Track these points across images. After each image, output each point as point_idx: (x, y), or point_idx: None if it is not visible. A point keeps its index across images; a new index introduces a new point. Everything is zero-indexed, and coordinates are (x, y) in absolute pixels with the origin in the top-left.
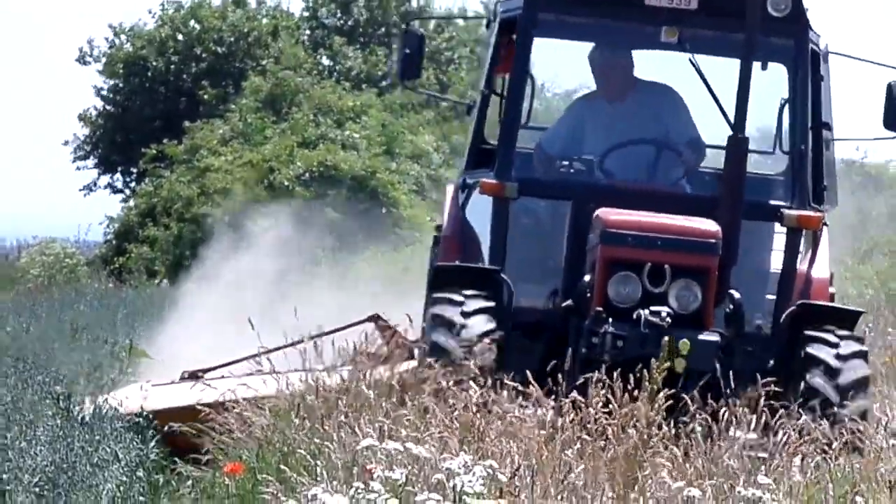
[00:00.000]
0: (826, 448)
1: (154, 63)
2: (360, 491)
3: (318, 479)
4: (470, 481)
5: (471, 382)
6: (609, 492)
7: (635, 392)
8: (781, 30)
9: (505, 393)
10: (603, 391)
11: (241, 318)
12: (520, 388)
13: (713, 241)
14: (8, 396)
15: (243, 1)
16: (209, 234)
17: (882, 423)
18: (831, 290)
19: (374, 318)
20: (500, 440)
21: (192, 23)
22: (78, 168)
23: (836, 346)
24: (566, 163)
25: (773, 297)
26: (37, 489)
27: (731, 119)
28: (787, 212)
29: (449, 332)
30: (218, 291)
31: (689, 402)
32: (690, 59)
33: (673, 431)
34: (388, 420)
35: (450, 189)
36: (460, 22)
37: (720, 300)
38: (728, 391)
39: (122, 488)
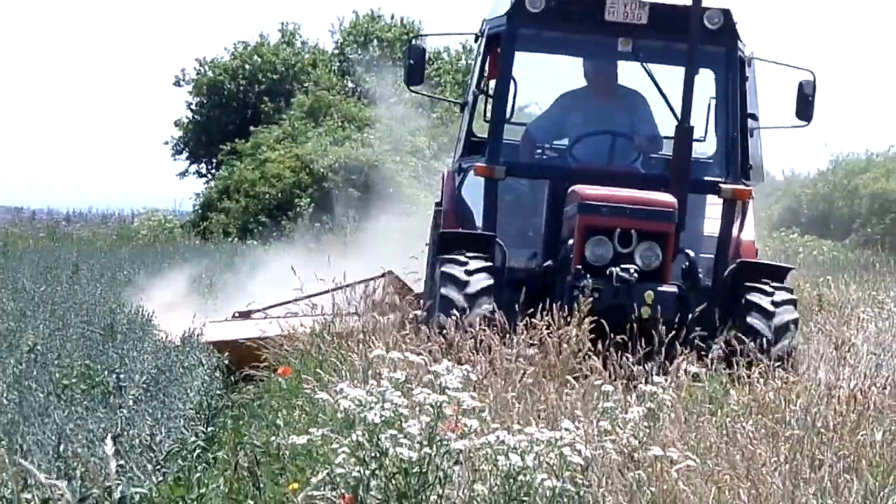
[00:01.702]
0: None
1: (228, 85)
2: (373, 386)
3: (344, 378)
4: (450, 380)
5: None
6: (550, 388)
7: (570, 319)
8: (715, 40)
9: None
10: (547, 317)
11: (288, 267)
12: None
13: (671, 210)
14: (124, 319)
15: (291, 41)
16: (267, 206)
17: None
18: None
19: (388, 273)
20: (472, 352)
21: (255, 57)
22: (175, 159)
23: (770, 294)
24: (546, 147)
25: (708, 255)
26: (144, 385)
27: (678, 112)
28: (724, 186)
29: (455, 287)
30: (272, 247)
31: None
32: (643, 65)
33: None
34: (393, 338)
35: (445, 173)
36: (445, 57)
37: (673, 258)
38: (685, 333)
39: (204, 385)
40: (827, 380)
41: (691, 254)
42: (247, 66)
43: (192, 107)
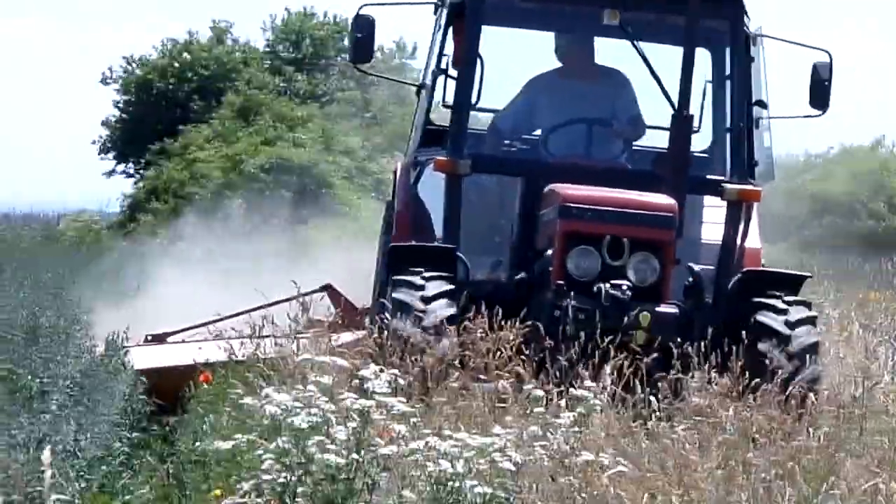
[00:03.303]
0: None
1: (157, 84)
2: (300, 391)
3: (272, 383)
4: (378, 385)
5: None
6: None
7: (504, 323)
8: (717, 13)
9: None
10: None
11: (215, 272)
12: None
13: (670, 214)
14: (47, 323)
15: (222, 39)
16: (196, 206)
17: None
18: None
19: (327, 288)
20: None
21: (185, 55)
22: (102, 159)
23: (784, 311)
24: (517, 139)
25: (706, 266)
26: (68, 390)
27: (672, 99)
28: (727, 186)
29: (410, 319)
30: (201, 249)
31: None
32: (633, 43)
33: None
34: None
35: (398, 168)
36: (379, 55)
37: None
38: (691, 360)
39: (129, 390)
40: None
41: (696, 267)
42: (176, 64)
43: (120, 105)
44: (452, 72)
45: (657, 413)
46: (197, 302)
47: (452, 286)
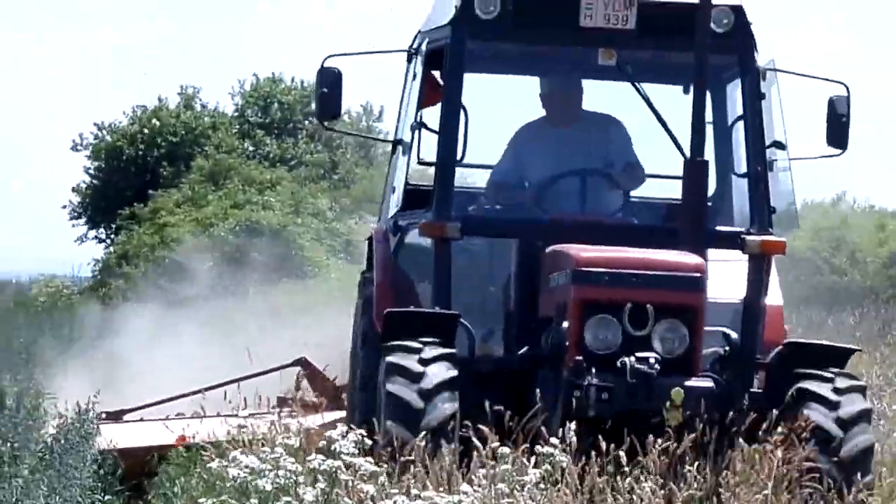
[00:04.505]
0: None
1: (127, 150)
2: (265, 452)
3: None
4: (345, 445)
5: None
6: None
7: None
8: (724, 46)
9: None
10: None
11: (186, 335)
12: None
13: (698, 275)
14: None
15: (191, 105)
16: (168, 270)
17: None
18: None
19: (302, 362)
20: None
21: (154, 121)
22: (73, 225)
23: (831, 380)
24: (507, 198)
25: (713, 328)
26: (40, 454)
27: (681, 144)
28: (749, 238)
29: (406, 381)
30: (169, 314)
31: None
32: (634, 85)
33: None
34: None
35: (375, 233)
36: (346, 119)
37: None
38: (729, 441)
39: (101, 453)
40: None
41: (732, 334)
42: (145, 130)
43: (90, 171)
44: (429, 125)
45: (623, 469)
46: (167, 368)
47: (456, 371)
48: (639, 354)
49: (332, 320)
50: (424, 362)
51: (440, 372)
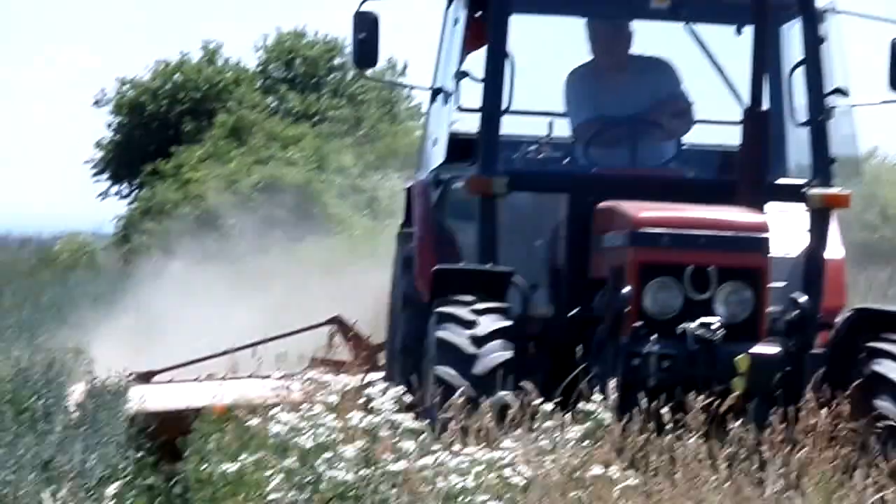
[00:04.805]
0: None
1: (150, 105)
2: (307, 411)
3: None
4: (384, 401)
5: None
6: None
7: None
8: None
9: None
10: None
11: (213, 292)
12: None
13: (764, 235)
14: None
15: (213, 60)
16: (191, 227)
17: None
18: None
19: (336, 321)
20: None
21: (177, 76)
22: (95, 180)
23: None
24: (543, 145)
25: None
26: (73, 410)
27: (737, 90)
28: (811, 191)
29: (457, 327)
30: (195, 270)
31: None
32: (689, 28)
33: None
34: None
35: (416, 188)
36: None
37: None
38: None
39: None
40: None
41: (801, 298)
42: (168, 86)
43: (113, 127)
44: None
45: (665, 427)
46: (195, 326)
47: (509, 322)
48: (701, 320)
49: (358, 277)
50: (477, 312)
51: (493, 321)
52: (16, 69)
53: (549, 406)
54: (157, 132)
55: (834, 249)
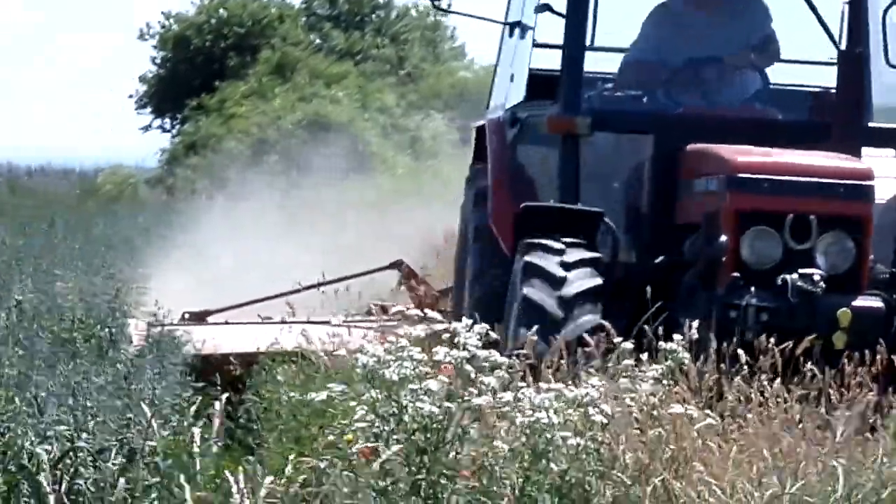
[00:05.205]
0: None
1: (194, 40)
2: (393, 344)
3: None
4: (469, 337)
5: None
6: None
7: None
8: None
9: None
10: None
11: (259, 229)
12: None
13: (868, 183)
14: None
15: None
16: (234, 162)
17: None
18: None
19: (399, 265)
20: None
21: (221, 11)
22: (139, 114)
23: None
24: (638, 87)
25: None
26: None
27: (830, 29)
28: None
29: (545, 285)
30: (241, 207)
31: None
32: None
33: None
34: None
35: (489, 125)
36: (414, 14)
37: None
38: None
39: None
40: None
41: None
42: (213, 21)
43: (157, 61)
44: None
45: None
46: (244, 264)
47: (599, 280)
48: (801, 271)
49: (403, 215)
50: (567, 266)
51: (584, 280)
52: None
53: (629, 344)
54: (201, 67)
55: None
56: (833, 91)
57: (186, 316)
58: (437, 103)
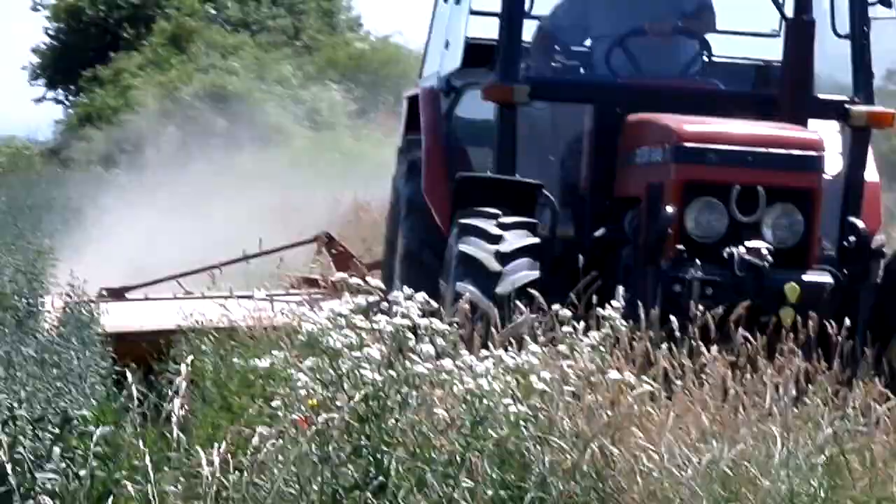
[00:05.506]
0: None
1: (88, 11)
2: (332, 311)
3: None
4: (410, 306)
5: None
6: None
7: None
8: None
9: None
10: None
11: (163, 201)
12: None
13: (818, 153)
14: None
15: None
16: (131, 134)
17: None
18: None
19: (323, 238)
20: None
21: None
22: (32, 85)
23: None
24: (567, 54)
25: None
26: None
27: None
28: (854, 108)
29: (482, 241)
30: (139, 179)
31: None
32: None
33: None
34: None
35: (422, 94)
36: None
37: None
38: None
39: None
40: None
41: (859, 223)
42: None
43: (50, 32)
44: None
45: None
46: (149, 242)
47: (537, 239)
48: (748, 244)
49: (305, 187)
50: (504, 227)
51: (521, 239)
52: None
53: (567, 311)
54: (95, 38)
55: (872, 173)
56: (777, 64)
57: (104, 293)
58: (334, 74)
